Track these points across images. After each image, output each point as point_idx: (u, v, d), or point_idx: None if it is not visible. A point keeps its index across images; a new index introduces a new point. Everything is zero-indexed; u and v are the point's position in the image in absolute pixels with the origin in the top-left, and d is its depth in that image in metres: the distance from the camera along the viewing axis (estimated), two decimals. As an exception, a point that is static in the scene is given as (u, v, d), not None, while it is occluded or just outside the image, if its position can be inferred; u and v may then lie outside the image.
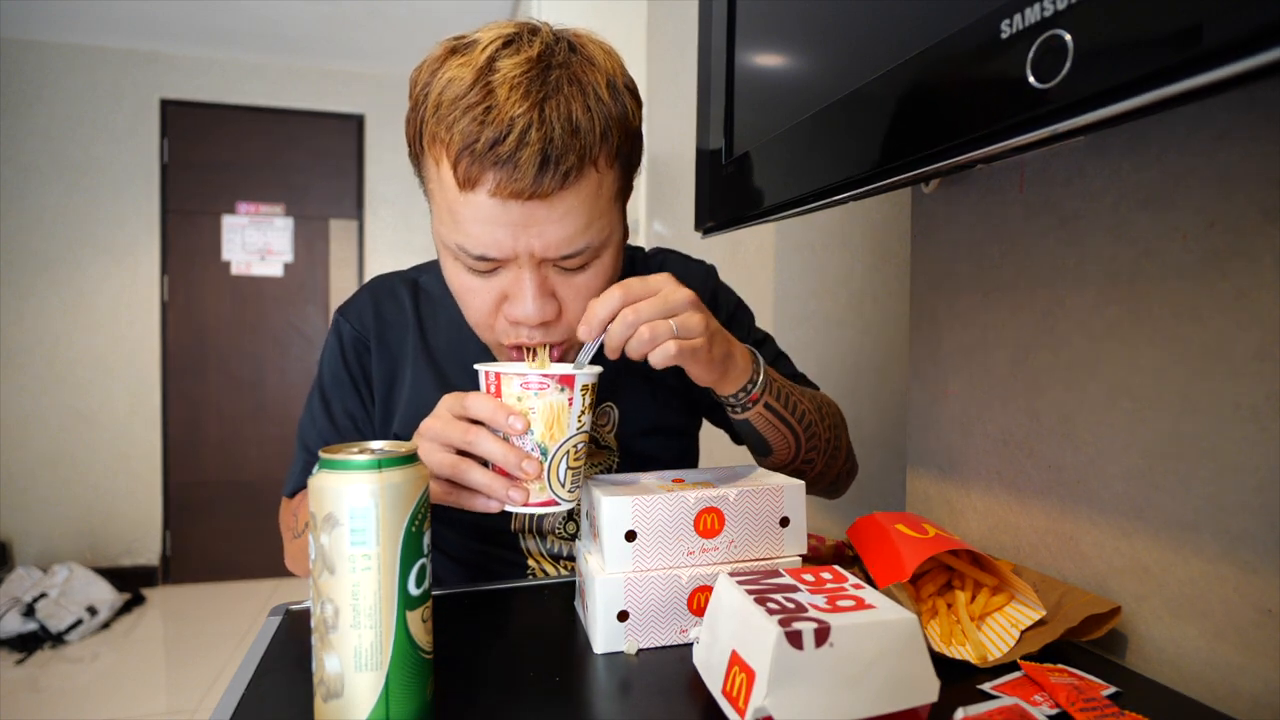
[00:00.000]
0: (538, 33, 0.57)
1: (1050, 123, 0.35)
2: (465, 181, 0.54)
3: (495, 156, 0.52)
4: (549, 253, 0.57)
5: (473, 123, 0.52)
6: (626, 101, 0.59)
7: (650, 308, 0.52)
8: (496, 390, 0.53)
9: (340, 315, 0.76)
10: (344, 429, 0.74)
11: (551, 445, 0.52)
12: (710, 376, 0.58)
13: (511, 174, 0.52)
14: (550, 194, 0.54)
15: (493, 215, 0.54)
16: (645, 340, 0.52)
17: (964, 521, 0.70)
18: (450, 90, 0.54)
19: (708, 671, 0.43)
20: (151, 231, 3.39)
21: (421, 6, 2.92)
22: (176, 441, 3.46)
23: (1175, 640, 0.49)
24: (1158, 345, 0.50)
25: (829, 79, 0.55)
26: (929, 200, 0.74)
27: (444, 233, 0.59)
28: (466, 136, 0.53)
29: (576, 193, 0.55)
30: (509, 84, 0.53)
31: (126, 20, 3.05)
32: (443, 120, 0.54)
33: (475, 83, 0.53)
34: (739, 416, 0.64)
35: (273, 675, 0.48)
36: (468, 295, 0.61)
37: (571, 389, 0.52)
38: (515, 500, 0.52)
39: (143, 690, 2.43)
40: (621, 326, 0.52)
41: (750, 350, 0.64)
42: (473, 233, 0.56)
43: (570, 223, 0.56)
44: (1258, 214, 0.44)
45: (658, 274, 0.55)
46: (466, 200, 0.55)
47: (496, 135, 0.52)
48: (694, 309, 0.54)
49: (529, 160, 0.52)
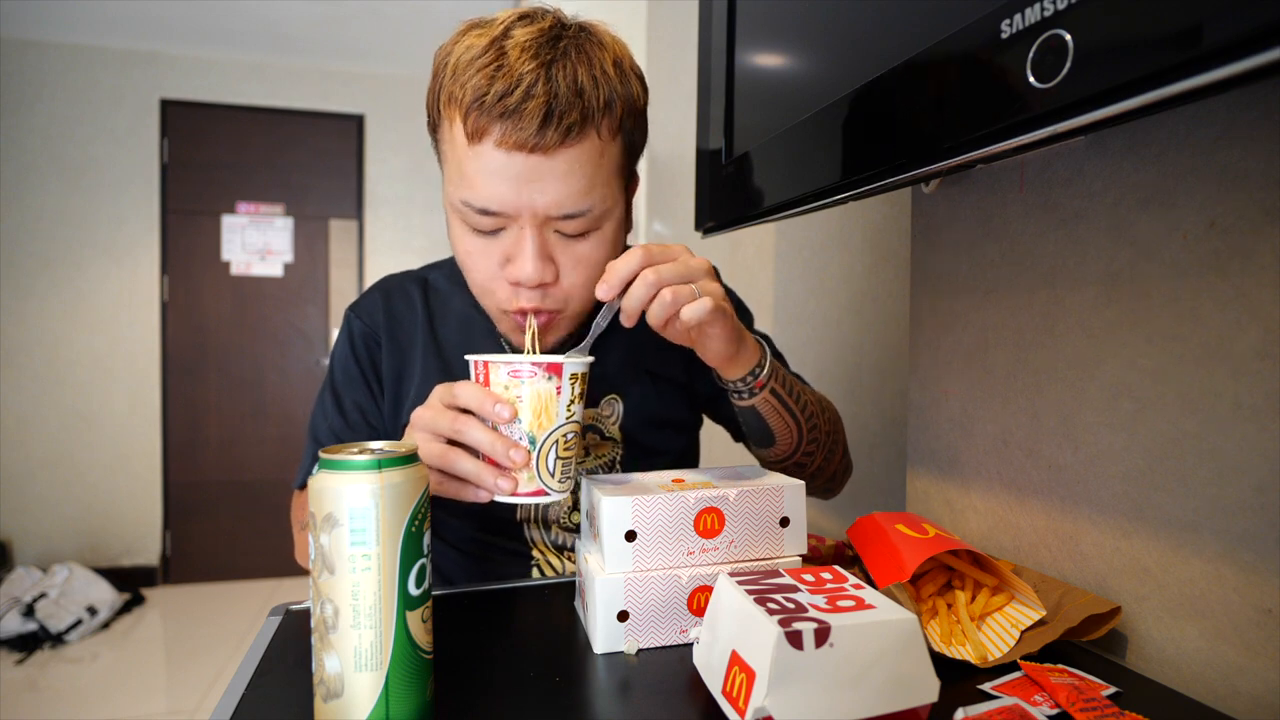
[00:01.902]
0: (551, 13, 0.61)
1: (1050, 123, 0.35)
2: (473, 134, 0.57)
3: (502, 108, 0.55)
4: (551, 210, 0.58)
5: (484, 79, 0.56)
6: (633, 82, 0.62)
7: (672, 271, 0.52)
8: (485, 379, 0.53)
9: (351, 312, 0.77)
10: (354, 423, 0.74)
11: (540, 434, 0.52)
12: (726, 351, 0.58)
13: (516, 124, 0.55)
14: (552, 148, 0.56)
15: (498, 167, 0.57)
16: (667, 303, 0.51)
17: (964, 521, 0.70)
18: (466, 55, 0.58)
19: (708, 671, 0.43)
20: (151, 231, 3.39)
21: (421, 6, 2.92)
22: (176, 441, 3.46)
23: (1175, 640, 0.49)
24: (1158, 345, 0.50)
25: (829, 79, 0.55)
26: (929, 200, 0.74)
27: (452, 192, 0.61)
28: (477, 90, 0.56)
29: (579, 153, 0.58)
30: (520, 46, 0.57)
31: (126, 20, 3.05)
32: (457, 79, 0.57)
33: (490, 47, 0.57)
34: (744, 403, 0.65)
35: (273, 675, 0.48)
36: (471, 258, 0.63)
37: (559, 377, 0.52)
38: (503, 489, 0.52)
39: (143, 690, 2.44)
40: (643, 287, 0.51)
41: (757, 335, 0.64)
42: (478, 186, 0.58)
43: (572, 181, 0.58)
44: (1258, 214, 0.44)
45: (675, 244, 0.56)
46: (474, 153, 0.57)
47: (505, 89, 0.55)
48: (711, 278, 0.55)
49: (533, 112, 0.55)
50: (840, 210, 1.09)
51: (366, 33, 3.19)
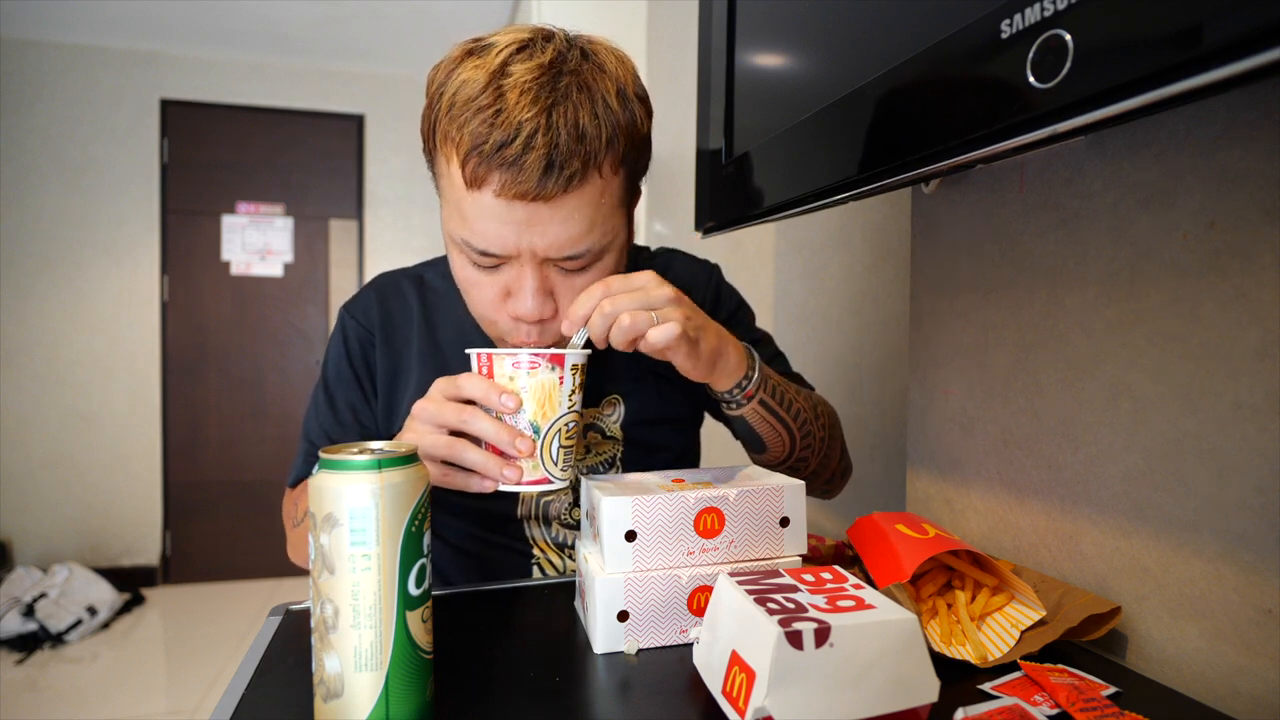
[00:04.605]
0: (552, 39, 0.58)
1: (1050, 123, 0.35)
2: (472, 181, 0.55)
3: (502, 159, 0.53)
4: (550, 253, 0.58)
5: (482, 124, 0.54)
6: (635, 109, 0.60)
7: (629, 300, 0.54)
8: (489, 371, 0.54)
9: (345, 311, 0.77)
10: (346, 423, 0.74)
11: (544, 424, 0.54)
12: (699, 371, 0.59)
13: (516, 176, 0.54)
14: (553, 197, 0.55)
15: (498, 214, 0.56)
16: (625, 328, 0.53)
17: (964, 521, 0.70)
18: (464, 91, 0.55)
19: (708, 671, 0.43)
20: (151, 231, 3.39)
21: (421, 6, 2.92)
22: (176, 441, 3.46)
23: (1175, 640, 0.49)
24: (1158, 345, 0.50)
25: (829, 79, 0.55)
26: (929, 200, 0.74)
27: (452, 228, 0.60)
28: (476, 137, 0.54)
29: (579, 196, 0.57)
30: (519, 88, 0.54)
31: (126, 20, 3.05)
32: (455, 120, 0.55)
33: (487, 86, 0.54)
34: (734, 413, 0.65)
35: (273, 675, 0.48)
36: (473, 289, 0.63)
37: (562, 368, 0.54)
38: (509, 479, 0.53)
39: (143, 690, 2.43)
40: (599, 318, 0.54)
41: (746, 348, 0.64)
42: (478, 229, 0.57)
43: (573, 225, 0.57)
44: (1258, 213, 0.44)
45: (642, 272, 0.57)
46: (473, 199, 0.56)
47: (504, 138, 0.53)
48: (674, 305, 0.56)
49: (534, 164, 0.53)
50: (840, 210, 1.09)
51: (366, 33, 3.18)
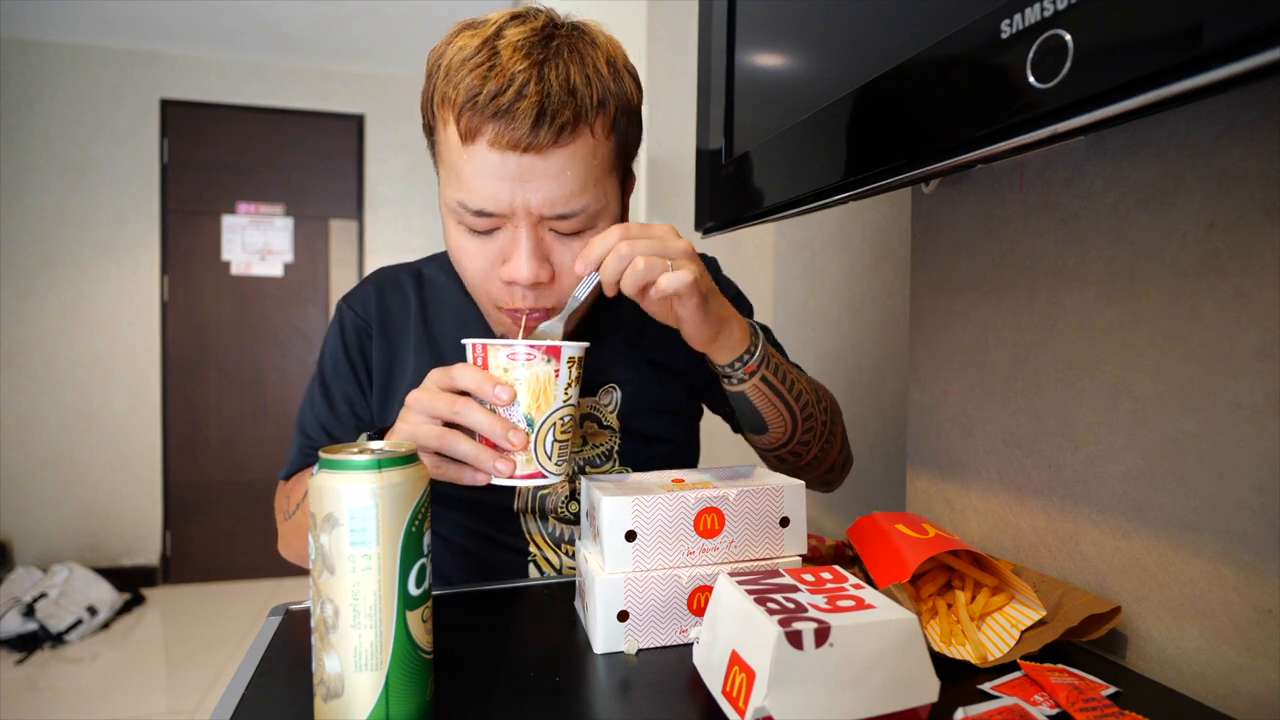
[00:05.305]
0: (544, 13, 0.61)
1: (1050, 123, 0.35)
2: (467, 134, 0.57)
3: (495, 108, 0.55)
4: (544, 209, 0.58)
5: (477, 79, 0.56)
6: (626, 81, 0.62)
7: (647, 245, 0.54)
8: (483, 362, 0.54)
9: (343, 303, 0.77)
10: (342, 415, 0.74)
11: (538, 417, 0.53)
12: (704, 333, 0.59)
13: (509, 124, 0.55)
14: (545, 148, 0.56)
15: (491, 168, 0.57)
16: (640, 271, 0.53)
17: (964, 521, 0.70)
18: (459, 55, 0.58)
19: (708, 671, 0.43)
20: (151, 231, 3.39)
21: (421, 6, 2.92)
22: (176, 441, 3.46)
23: (1175, 640, 0.49)
24: (1158, 345, 0.50)
25: (829, 79, 0.55)
26: (929, 200, 0.74)
27: (447, 193, 0.61)
28: (470, 90, 0.56)
29: (572, 152, 0.58)
30: (512, 46, 0.56)
31: (126, 20, 3.05)
32: (450, 79, 0.57)
33: (482, 46, 0.57)
34: (735, 388, 0.65)
35: (273, 675, 0.48)
36: (467, 257, 0.63)
37: (558, 360, 0.53)
38: (502, 471, 0.53)
39: (143, 690, 2.44)
40: (615, 259, 0.53)
41: (750, 323, 0.65)
42: (473, 186, 0.58)
43: (565, 181, 0.58)
44: (1258, 213, 0.44)
45: (660, 224, 0.57)
46: (468, 154, 0.57)
47: (497, 88, 0.55)
48: (690, 258, 0.56)
49: (526, 112, 0.55)
50: (840, 210, 1.09)
51: (366, 33, 3.18)
